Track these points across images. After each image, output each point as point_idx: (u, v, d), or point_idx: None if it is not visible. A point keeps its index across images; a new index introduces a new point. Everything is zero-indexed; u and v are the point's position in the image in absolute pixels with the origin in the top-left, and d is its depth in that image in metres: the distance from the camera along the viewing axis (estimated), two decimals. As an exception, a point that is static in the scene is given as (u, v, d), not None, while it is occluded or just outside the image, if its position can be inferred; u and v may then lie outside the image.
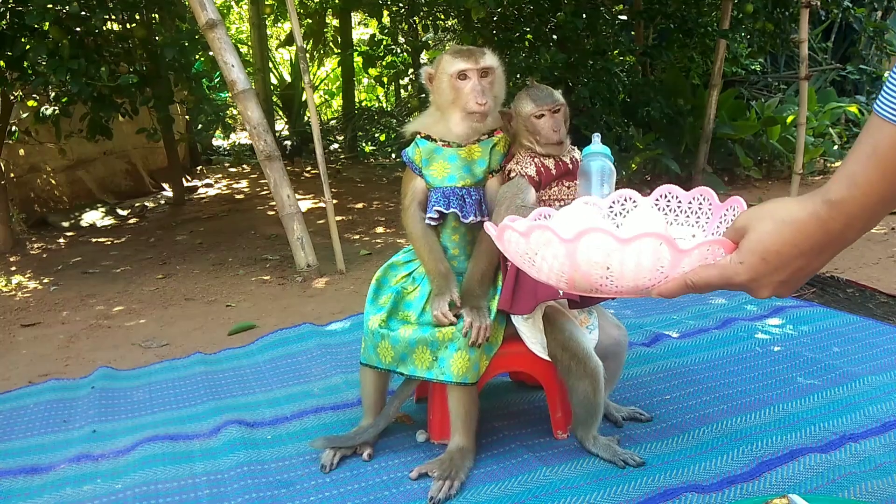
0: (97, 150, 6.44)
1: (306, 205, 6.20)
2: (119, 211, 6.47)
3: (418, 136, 2.14)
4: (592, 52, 6.05)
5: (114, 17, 5.24)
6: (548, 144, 2.02)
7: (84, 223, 6.15)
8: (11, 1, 4.47)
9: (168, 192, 7.08)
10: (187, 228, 5.78)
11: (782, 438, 2.11)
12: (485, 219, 2.07)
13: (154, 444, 2.23)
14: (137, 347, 3.24)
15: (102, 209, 6.43)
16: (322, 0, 9.04)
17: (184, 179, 7.23)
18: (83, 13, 4.57)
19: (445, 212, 2.06)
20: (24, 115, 5.37)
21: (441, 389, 2.06)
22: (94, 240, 5.57)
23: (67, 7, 4.39)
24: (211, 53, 4.37)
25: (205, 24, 3.93)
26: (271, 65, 10.65)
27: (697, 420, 2.25)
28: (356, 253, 4.65)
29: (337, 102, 12.23)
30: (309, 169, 8.31)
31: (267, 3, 9.08)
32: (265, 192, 6.86)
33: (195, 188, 7.50)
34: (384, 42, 7.80)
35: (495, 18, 6.37)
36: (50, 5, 4.30)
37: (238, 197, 7.09)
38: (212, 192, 7.45)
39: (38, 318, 3.73)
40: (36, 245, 5.43)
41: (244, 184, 7.85)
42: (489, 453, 2.10)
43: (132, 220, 6.29)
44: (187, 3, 4.46)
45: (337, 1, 8.69)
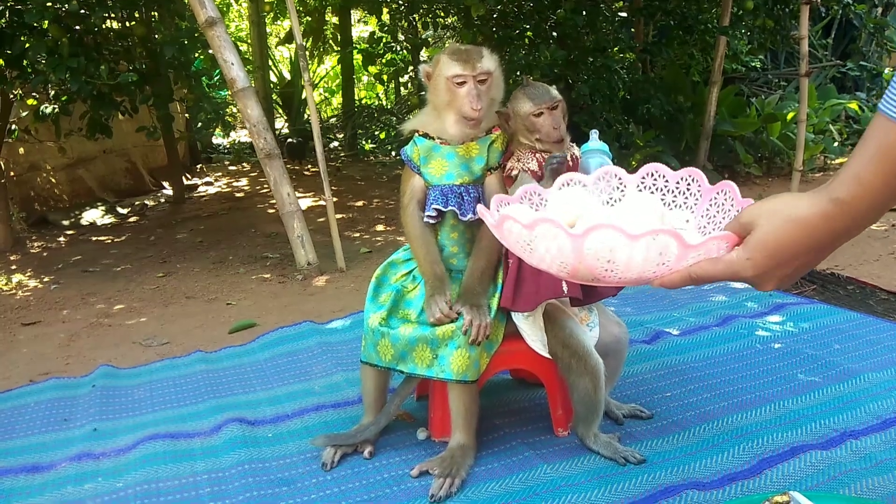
0: (97, 148, 6.44)
1: (306, 203, 6.20)
2: (119, 209, 6.47)
3: (416, 134, 2.14)
4: (592, 50, 6.04)
5: (113, 16, 5.23)
6: (549, 142, 2.02)
7: (84, 222, 6.15)
8: (10, -1, 4.48)
9: (168, 191, 7.08)
10: (187, 227, 5.77)
11: (783, 435, 2.11)
12: None
13: (155, 442, 2.23)
14: (138, 346, 3.24)
15: (102, 208, 6.42)
16: (321, -3, 9.04)
17: (184, 178, 7.23)
18: (82, 11, 4.56)
19: (444, 210, 2.06)
20: (24, 114, 5.37)
21: (442, 387, 2.06)
22: (94, 238, 5.57)
23: (67, 5, 4.39)
24: (210, 51, 4.37)
25: (204, 21, 3.92)
26: (271, 63, 10.64)
27: (698, 417, 2.25)
28: (356, 251, 4.65)
29: (337, 100, 12.23)
30: (309, 167, 8.31)
31: (266, 0, 9.07)
32: (265, 191, 6.86)
33: (195, 186, 7.49)
34: (384, 39, 7.79)
35: (495, 15, 6.37)
36: (49, 3, 4.30)
37: (238, 195, 7.09)
38: (212, 190, 7.45)
39: (39, 317, 3.73)
40: (36, 244, 5.43)
41: (244, 182, 7.84)
42: (490, 451, 2.10)
43: (132, 219, 6.28)
44: (187, 0, 4.45)
45: (336, -2, 8.68)
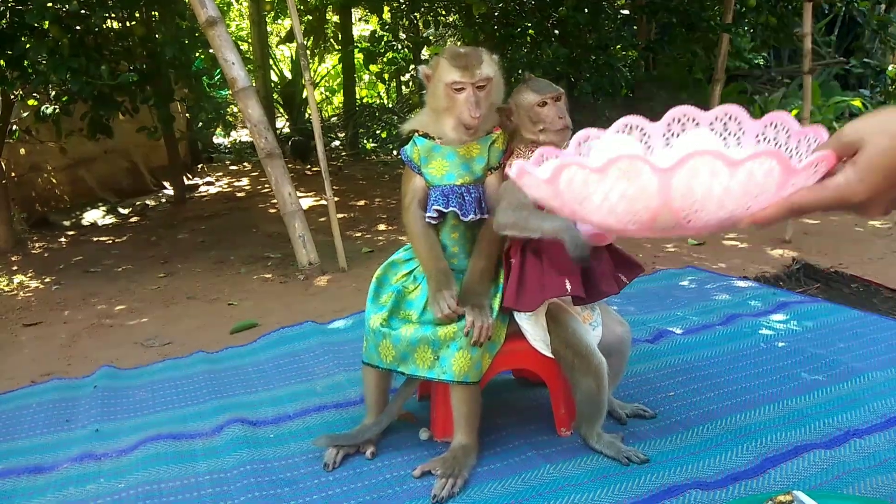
0: (98, 148, 6.43)
1: (308, 202, 6.19)
2: (120, 210, 6.47)
3: (416, 135, 2.12)
4: (595, 47, 6.02)
5: (113, 16, 5.23)
6: (554, 131, 1.99)
7: (85, 222, 6.15)
8: (11, 0, 4.47)
9: (169, 191, 7.07)
10: (189, 227, 5.77)
11: (787, 434, 2.10)
12: (484, 216, 2.06)
13: (157, 443, 2.23)
14: (139, 346, 3.24)
15: (104, 208, 6.43)
16: (322, -4, 9.01)
17: (185, 178, 7.23)
18: (83, 11, 4.56)
19: (445, 210, 2.05)
20: (25, 115, 5.37)
21: (444, 388, 2.05)
22: (95, 239, 5.57)
23: (67, 6, 4.38)
24: (211, 51, 4.37)
25: (205, 21, 3.91)
26: (272, 62, 10.63)
27: (701, 417, 2.24)
28: (358, 251, 4.64)
29: (338, 99, 12.21)
30: (310, 166, 8.30)
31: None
32: (266, 190, 6.86)
33: (196, 186, 7.49)
34: (385, 38, 7.78)
35: (496, 14, 6.35)
36: (50, 4, 4.30)
37: (239, 195, 7.09)
38: (213, 190, 7.45)
39: (40, 318, 3.72)
40: (37, 244, 5.43)
41: (245, 182, 7.84)
42: (492, 451, 2.10)
43: (133, 219, 6.28)
44: (187, 0, 4.44)
45: (337, -3, 8.66)
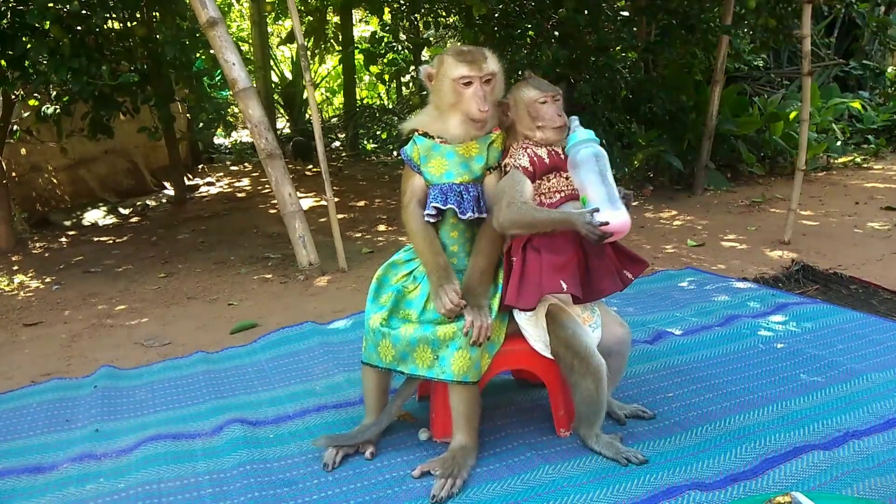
0: (98, 148, 6.44)
1: (308, 203, 6.20)
2: (121, 210, 6.47)
3: (416, 134, 2.14)
4: (594, 49, 6.01)
5: (114, 16, 5.23)
6: (551, 129, 2.03)
7: (86, 222, 6.15)
8: (12, 0, 4.47)
9: (169, 191, 7.08)
10: (189, 227, 5.77)
11: (785, 436, 2.11)
12: (483, 215, 2.07)
13: (156, 443, 2.23)
14: (139, 346, 3.24)
15: (104, 208, 6.43)
16: (323, -3, 9.02)
17: (185, 178, 7.23)
18: (84, 12, 4.57)
19: (443, 208, 2.06)
20: (26, 115, 5.37)
21: (443, 388, 2.06)
22: (95, 239, 5.57)
23: (68, 6, 4.39)
24: (212, 51, 4.37)
25: (205, 22, 3.92)
26: (272, 62, 10.63)
27: (700, 418, 2.25)
28: (358, 251, 4.64)
29: (338, 100, 12.22)
30: (310, 167, 8.30)
31: (267, 0, 9.06)
32: (267, 191, 6.86)
33: (197, 187, 7.50)
34: (385, 39, 7.79)
35: (496, 15, 6.35)
36: (51, 4, 4.30)
37: (240, 195, 7.09)
38: (213, 190, 7.45)
39: (41, 318, 3.73)
40: (38, 244, 5.44)
41: (246, 182, 7.85)
42: (491, 451, 2.10)
43: (134, 219, 6.29)
44: (188, 1, 4.45)
45: (338, -2, 8.66)
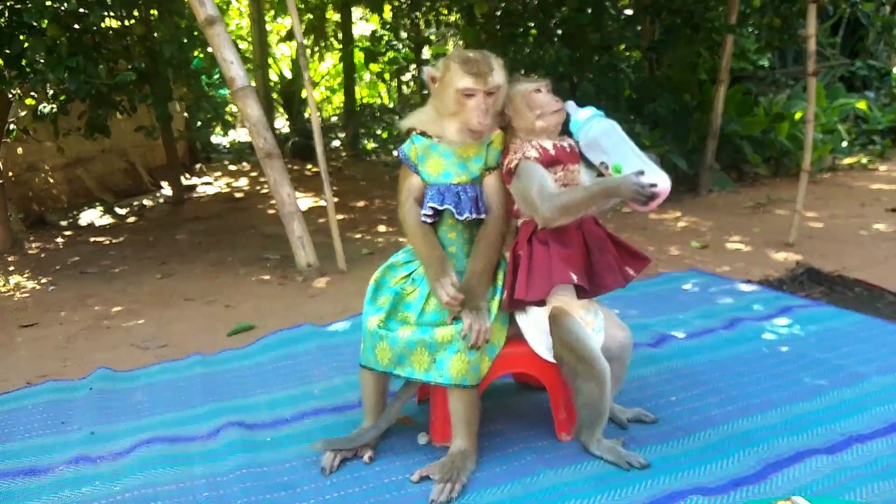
0: (95, 148, 6.42)
1: (307, 203, 6.17)
2: (117, 210, 6.44)
3: (414, 133, 2.11)
4: (598, 48, 5.99)
5: (112, 15, 5.21)
6: (550, 114, 2.02)
7: (82, 222, 6.12)
8: (9, -2, 4.45)
9: (167, 191, 7.05)
10: (186, 227, 5.75)
11: (789, 440, 2.09)
12: (481, 216, 2.05)
13: (153, 445, 2.21)
14: (136, 348, 3.22)
15: (101, 208, 6.40)
16: (322, -4, 9.00)
17: (183, 178, 7.20)
18: (81, 10, 4.54)
19: (440, 208, 2.04)
20: (23, 114, 5.34)
21: (443, 391, 2.04)
22: (92, 239, 5.54)
23: (65, 4, 4.37)
24: (210, 50, 4.35)
25: (204, 20, 3.89)
26: (271, 61, 10.62)
27: (703, 422, 2.22)
28: (357, 252, 4.62)
29: (338, 99, 12.19)
30: (309, 167, 8.28)
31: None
32: (265, 191, 6.83)
33: (194, 186, 7.47)
34: (386, 37, 7.76)
35: (499, 13, 6.33)
36: (48, 2, 4.27)
37: (238, 195, 7.07)
38: (211, 190, 7.43)
39: (37, 319, 3.70)
40: (34, 244, 5.41)
41: (244, 182, 7.82)
42: (491, 456, 2.08)
43: (131, 219, 6.26)
44: (186, -1, 4.43)
45: (337, -4, 8.65)
